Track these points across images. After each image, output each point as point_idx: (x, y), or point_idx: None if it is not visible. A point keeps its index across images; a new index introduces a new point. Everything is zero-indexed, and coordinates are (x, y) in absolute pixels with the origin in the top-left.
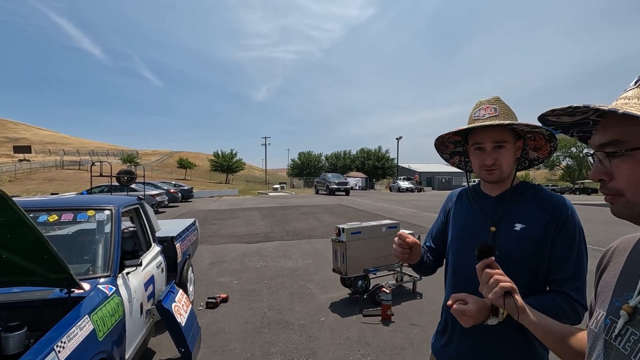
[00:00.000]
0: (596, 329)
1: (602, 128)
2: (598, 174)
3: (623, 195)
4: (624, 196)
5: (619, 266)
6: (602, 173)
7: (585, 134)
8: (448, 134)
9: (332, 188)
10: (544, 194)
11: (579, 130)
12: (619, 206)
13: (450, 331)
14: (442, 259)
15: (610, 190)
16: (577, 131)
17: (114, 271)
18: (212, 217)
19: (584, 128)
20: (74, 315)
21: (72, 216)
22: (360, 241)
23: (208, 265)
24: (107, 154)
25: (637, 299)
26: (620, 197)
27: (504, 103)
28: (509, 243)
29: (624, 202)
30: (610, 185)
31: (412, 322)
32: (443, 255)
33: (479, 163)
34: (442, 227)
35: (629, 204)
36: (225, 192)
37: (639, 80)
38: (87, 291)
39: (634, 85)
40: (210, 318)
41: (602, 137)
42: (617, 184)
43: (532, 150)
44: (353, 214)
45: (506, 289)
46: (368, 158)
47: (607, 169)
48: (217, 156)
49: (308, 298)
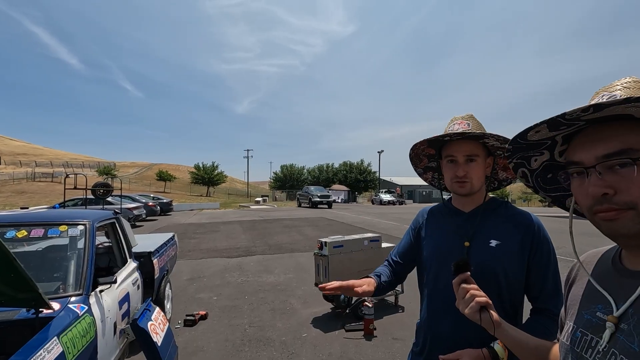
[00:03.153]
0: (567, 342)
1: (600, 138)
2: (602, 188)
3: (634, 208)
4: (635, 209)
5: (586, 279)
6: (606, 186)
7: (521, 162)
8: (423, 142)
9: (314, 201)
10: (515, 210)
11: (520, 157)
12: (625, 221)
13: (427, 353)
14: (406, 274)
15: (618, 204)
16: (519, 157)
17: (87, 289)
18: (191, 231)
19: (529, 153)
20: (41, 337)
21: (42, 232)
22: (342, 255)
23: (187, 281)
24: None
25: (621, 310)
26: (628, 211)
27: (476, 120)
28: (484, 258)
29: (633, 216)
30: (618, 198)
31: (394, 336)
32: (407, 270)
33: (451, 175)
34: (410, 244)
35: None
36: (206, 205)
37: (612, 97)
38: (57, 311)
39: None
40: (189, 336)
41: (607, 148)
42: (628, 197)
43: (501, 170)
44: (335, 227)
45: (482, 304)
46: (350, 171)
47: (612, 181)
48: (198, 168)
49: (290, 313)
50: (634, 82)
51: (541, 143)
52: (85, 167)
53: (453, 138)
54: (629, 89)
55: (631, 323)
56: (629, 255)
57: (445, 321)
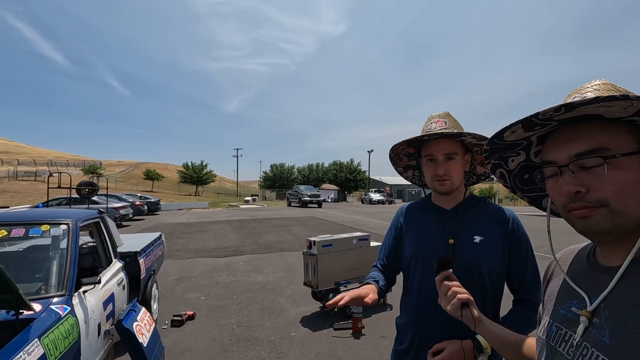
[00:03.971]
0: (543, 336)
1: (573, 138)
2: (575, 186)
3: (606, 206)
4: (607, 207)
5: (562, 276)
6: (579, 185)
7: (499, 162)
8: (402, 143)
9: (304, 200)
10: (494, 206)
11: (498, 157)
12: (598, 219)
13: (415, 352)
14: (396, 277)
15: (591, 202)
16: (497, 157)
17: (69, 290)
18: (179, 231)
19: (506, 154)
20: (21, 338)
21: (23, 231)
22: (331, 254)
23: (174, 281)
24: (67, 165)
25: (594, 305)
26: (600, 208)
27: (453, 118)
28: (469, 255)
29: (605, 214)
30: (590, 196)
31: (382, 334)
32: (397, 273)
33: (431, 174)
34: (395, 244)
35: (611, 215)
36: (195, 204)
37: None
38: (38, 312)
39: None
40: (176, 337)
41: (580, 146)
42: (599, 195)
43: (479, 165)
44: (325, 226)
45: (463, 300)
46: (340, 170)
47: (584, 180)
48: (186, 167)
49: (278, 313)
50: (603, 84)
51: (517, 144)
52: (70, 165)
53: (432, 138)
54: (598, 91)
55: (603, 317)
56: (602, 252)
57: (431, 319)
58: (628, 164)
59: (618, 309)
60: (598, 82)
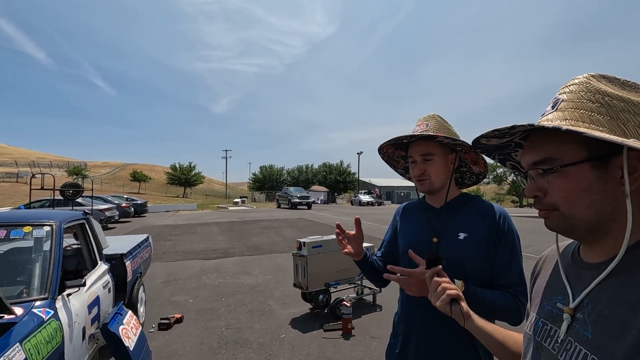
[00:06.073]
0: (529, 332)
1: (531, 148)
2: (533, 191)
3: (557, 209)
4: (559, 210)
5: (548, 272)
6: (536, 190)
7: (504, 157)
8: (388, 146)
9: (294, 202)
10: (483, 203)
11: (500, 153)
12: (553, 220)
13: (401, 347)
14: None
15: (545, 206)
16: (498, 154)
17: (53, 293)
18: (167, 233)
19: (505, 151)
20: (2, 343)
21: (4, 233)
22: (321, 255)
23: (161, 283)
24: (50, 166)
25: (577, 300)
26: (554, 211)
27: (438, 119)
28: (454, 251)
29: (558, 216)
30: (545, 200)
31: (372, 334)
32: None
33: (413, 174)
34: (392, 240)
35: (563, 217)
36: (183, 206)
37: (555, 104)
38: (20, 316)
39: (552, 110)
40: (163, 340)
41: (534, 156)
42: (551, 199)
43: (473, 164)
44: (315, 227)
45: (452, 296)
46: (330, 172)
47: (541, 185)
48: (174, 169)
49: (268, 315)
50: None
51: (506, 145)
52: (53, 167)
53: (410, 140)
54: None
55: (586, 312)
56: (584, 248)
57: (419, 315)
58: (574, 172)
59: (600, 305)
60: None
